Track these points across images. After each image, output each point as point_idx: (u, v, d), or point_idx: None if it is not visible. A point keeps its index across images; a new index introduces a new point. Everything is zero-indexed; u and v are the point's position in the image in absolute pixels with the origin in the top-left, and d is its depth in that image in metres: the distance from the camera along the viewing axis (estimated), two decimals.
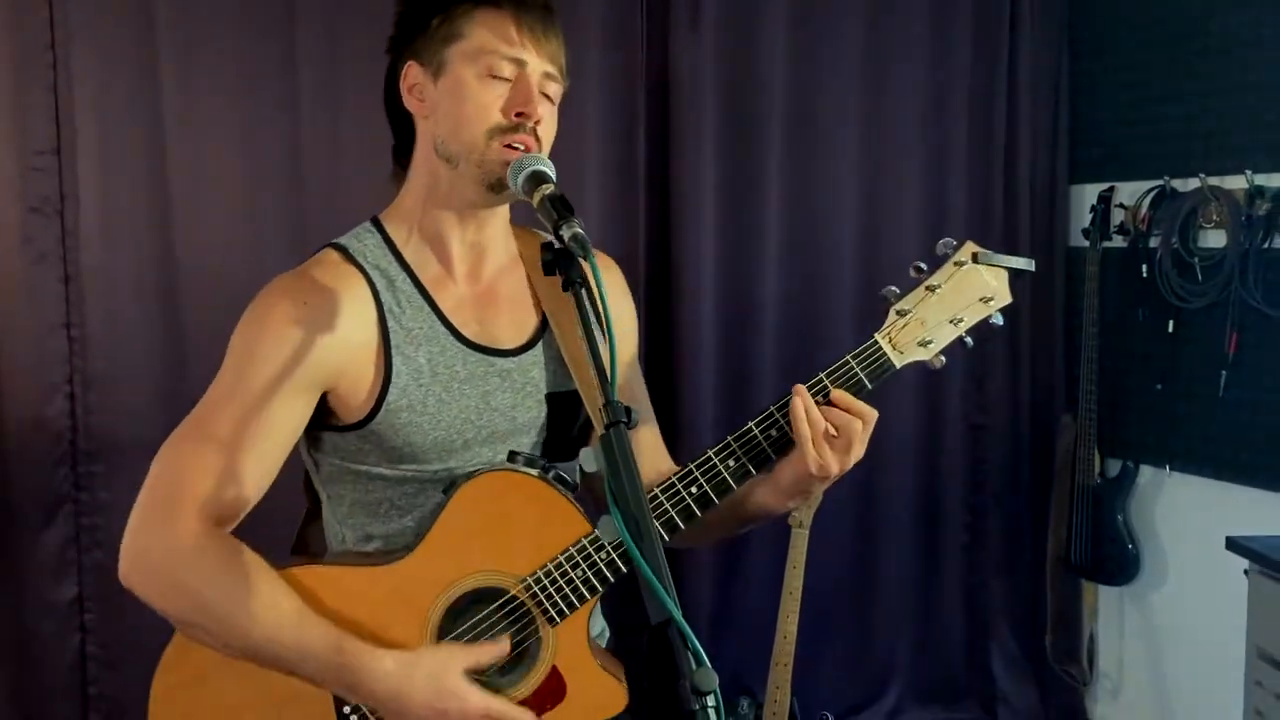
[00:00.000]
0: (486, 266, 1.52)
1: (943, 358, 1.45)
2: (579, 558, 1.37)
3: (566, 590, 1.37)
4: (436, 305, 1.46)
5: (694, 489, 1.40)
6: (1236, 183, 3.14)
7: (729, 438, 1.42)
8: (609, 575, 1.38)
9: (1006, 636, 3.77)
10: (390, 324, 1.43)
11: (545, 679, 1.39)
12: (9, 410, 2.82)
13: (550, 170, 1.34)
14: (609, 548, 1.38)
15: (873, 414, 1.41)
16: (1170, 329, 3.34)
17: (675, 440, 3.35)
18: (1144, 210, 3.42)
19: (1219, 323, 3.18)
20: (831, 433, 1.40)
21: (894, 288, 1.45)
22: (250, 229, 2.97)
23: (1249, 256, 3.07)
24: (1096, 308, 3.51)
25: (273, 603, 1.33)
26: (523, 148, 1.39)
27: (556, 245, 1.23)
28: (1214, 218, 3.22)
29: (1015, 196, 3.68)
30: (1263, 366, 3.10)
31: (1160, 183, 3.37)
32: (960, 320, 1.44)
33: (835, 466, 1.40)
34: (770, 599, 3.06)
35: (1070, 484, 3.60)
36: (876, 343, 1.43)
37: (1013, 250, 3.63)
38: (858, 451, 1.41)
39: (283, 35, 2.95)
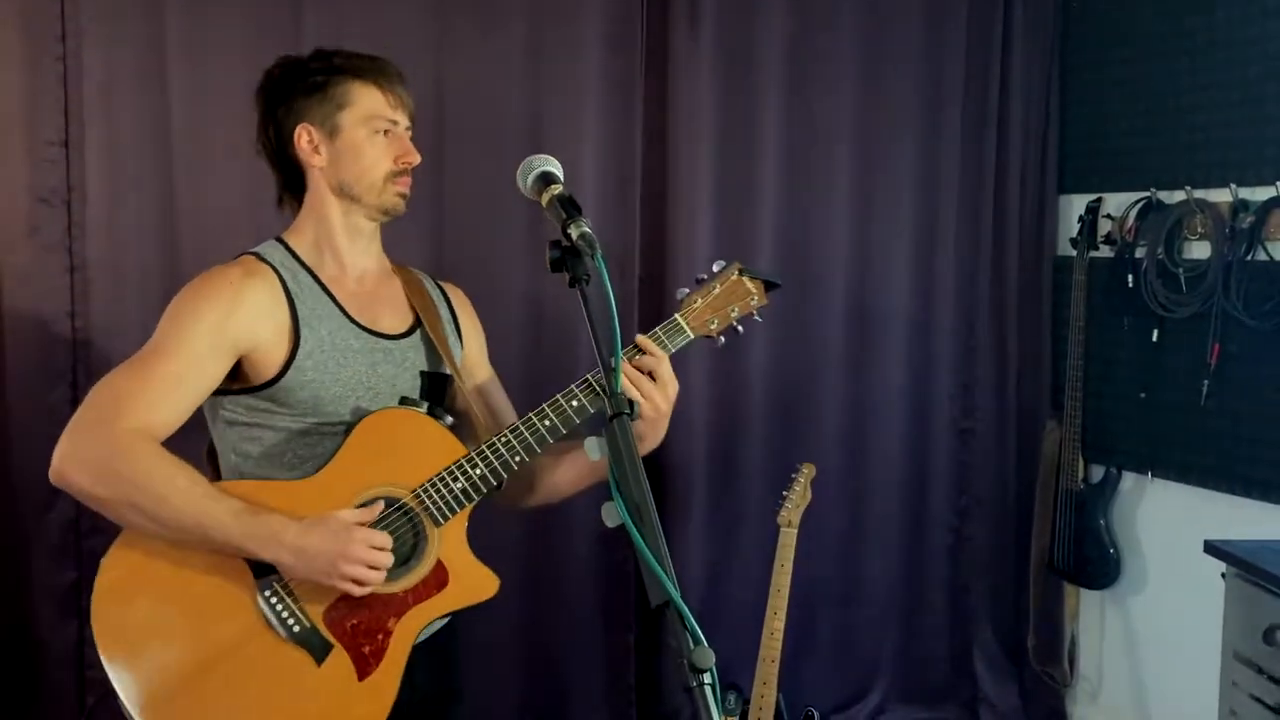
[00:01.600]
0: (370, 277, 1.92)
1: (723, 338, 1.89)
2: (458, 472, 1.73)
3: (449, 497, 1.73)
4: (333, 296, 1.84)
5: (547, 421, 1.76)
6: (1221, 196, 3.21)
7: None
8: (482, 487, 1.74)
9: (989, 638, 3.83)
10: (298, 305, 1.79)
11: (432, 570, 1.72)
12: (13, 397, 2.85)
13: (559, 171, 1.41)
14: (481, 464, 1.74)
15: (664, 357, 1.79)
16: (1154, 338, 3.41)
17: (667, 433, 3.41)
18: (1131, 221, 3.48)
19: (1202, 333, 3.23)
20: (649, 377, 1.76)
21: (685, 289, 1.88)
22: (252, 225, 2.99)
23: (1232, 268, 3.13)
24: (1083, 316, 3.57)
25: (194, 480, 1.66)
26: (406, 188, 1.85)
27: (564, 243, 1.29)
28: (1199, 229, 3.29)
29: (1005, 205, 3.74)
30: (1243, 376, 3.16)
31: (1147, 194, 3.44)
32: (733, 310, 1.87)
33: (663, 403, 1.77)
34: (758, 596, 3.11)
35: (1054, 489, 3.67)
36: (677, 319, 1.85)
37: (1001, 256, 3.74)
38: (673, 389, 1.79)
39: (289, 35, 2.99)
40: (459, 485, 1.72)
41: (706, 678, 1.05)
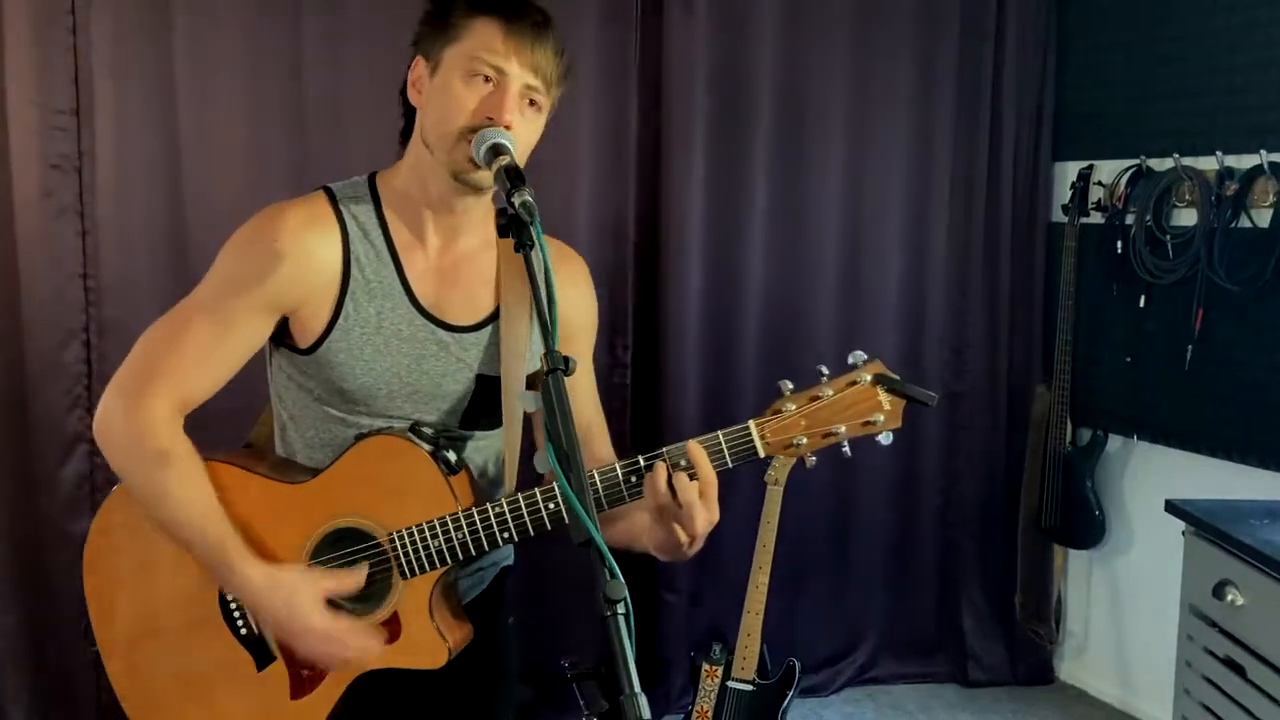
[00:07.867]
0: (458, 245, 1.65)
1: (813, 458, 1.49)
2: (439, 530, 1.55)
3: (423, 553, 1.56)
4: (401, 267, 1.61)
5: (551, 505, 1.51)
6: (1209, 164, 3.25)
7: (594, 470, 1.48)
8: (460, 553, 1.55)
9: (978, 596, 3.92)
10: (353, 272, 1.59)
11: (386, 620, 1.59)
12: (30, 354, 2.96)
13: (511, 144, 1.48)
14: (466, 530, 1.54)
15: (712, 480, 1.44)
16: (1141, 304, 3.47)
17: (658, 416, 3.50)
18: (1121, 188, 3.53)
19: (1187, 299, 3.29)
20: (674, 507, 1.44)
21: (789, 383, 1.48)
22: (255, 187, 3.09)
23: (1216, 235, 3.18)
24: (1073, 281, 3.63)
25: (188, 496, 1.57)
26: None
27: (510, 211, 1.38)
28: (1186, 196, 3.34)
29: (999, 172, 3.79)
30: (1227, 342, 3.22)
31: (1137, 162, 3.49)
32: (835, 434, 1.47)
33: (682, 537, 1.46)
34: (750, 554, 3.20)
35: (1043, 451, 3.74)
36: (748, 429, 1.48)
37: (994, 222, 3.78)
38: (702, 520, 1.44)
39: (289, 6, 3.07)
40: (435, 545, 1.55)
41: (620, 608, 1.14)
